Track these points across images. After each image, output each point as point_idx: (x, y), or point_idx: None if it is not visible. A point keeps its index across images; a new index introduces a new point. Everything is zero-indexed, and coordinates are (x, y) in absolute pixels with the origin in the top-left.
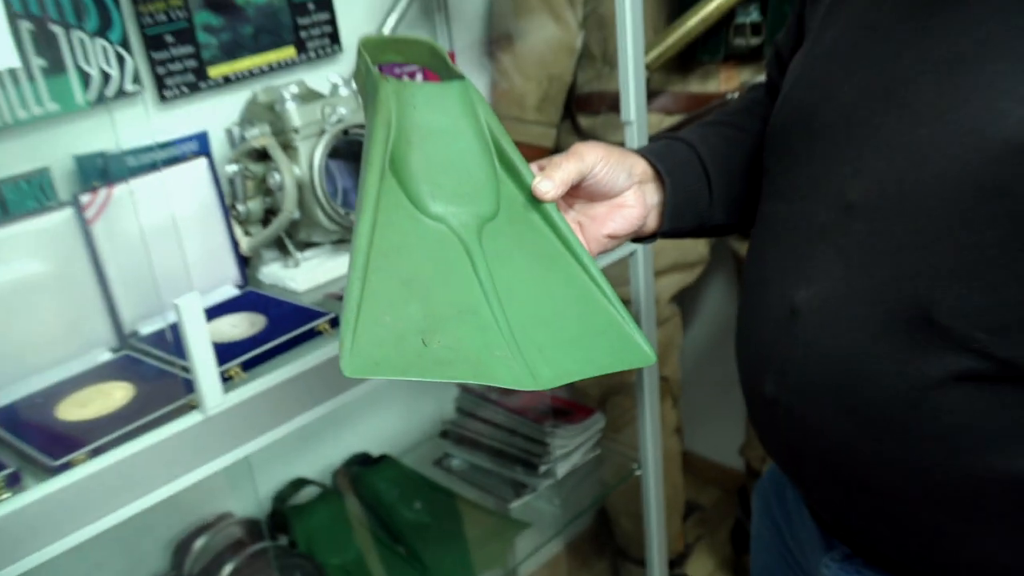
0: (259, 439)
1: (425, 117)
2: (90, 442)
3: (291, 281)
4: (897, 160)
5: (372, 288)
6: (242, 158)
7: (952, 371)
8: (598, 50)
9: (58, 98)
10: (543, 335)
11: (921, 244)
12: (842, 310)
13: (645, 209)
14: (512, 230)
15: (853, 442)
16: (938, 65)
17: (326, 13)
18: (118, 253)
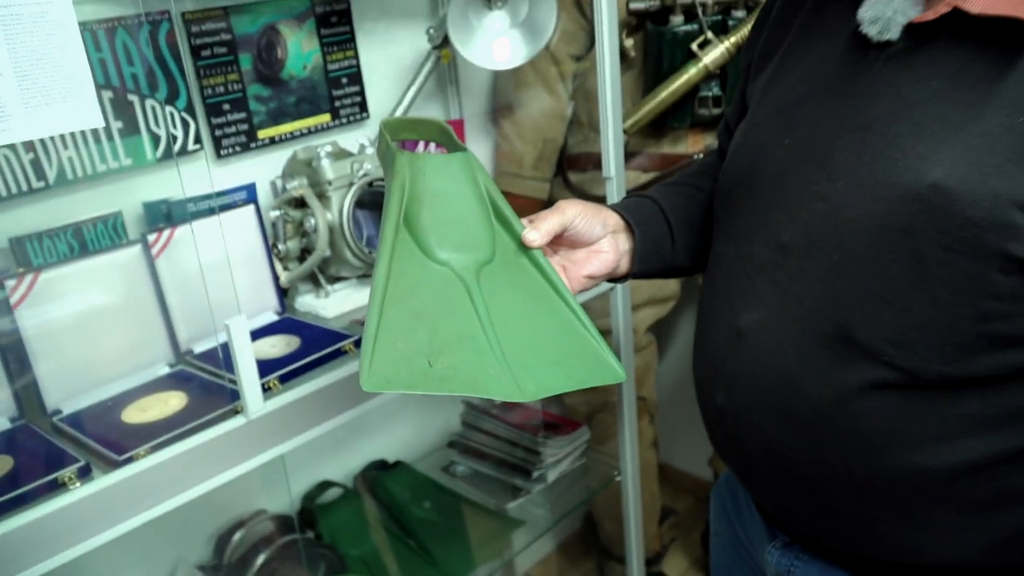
0: (293, 440)
1: (433, 182)
2: (150, 441)
3: (322, 309)
4: (820, 208)
5: (387, 319)
6: (283, 205)
7: (868, 380)
8: (585, 118)
9: (132, 154)
10: (529, 357)
11: (841, 276)
12: (778, 332)
13: (618, 255)
14: (505, 272)
15: (790, 443)
16: (851, 131)
17: (357, 86)
18: (177, 283)
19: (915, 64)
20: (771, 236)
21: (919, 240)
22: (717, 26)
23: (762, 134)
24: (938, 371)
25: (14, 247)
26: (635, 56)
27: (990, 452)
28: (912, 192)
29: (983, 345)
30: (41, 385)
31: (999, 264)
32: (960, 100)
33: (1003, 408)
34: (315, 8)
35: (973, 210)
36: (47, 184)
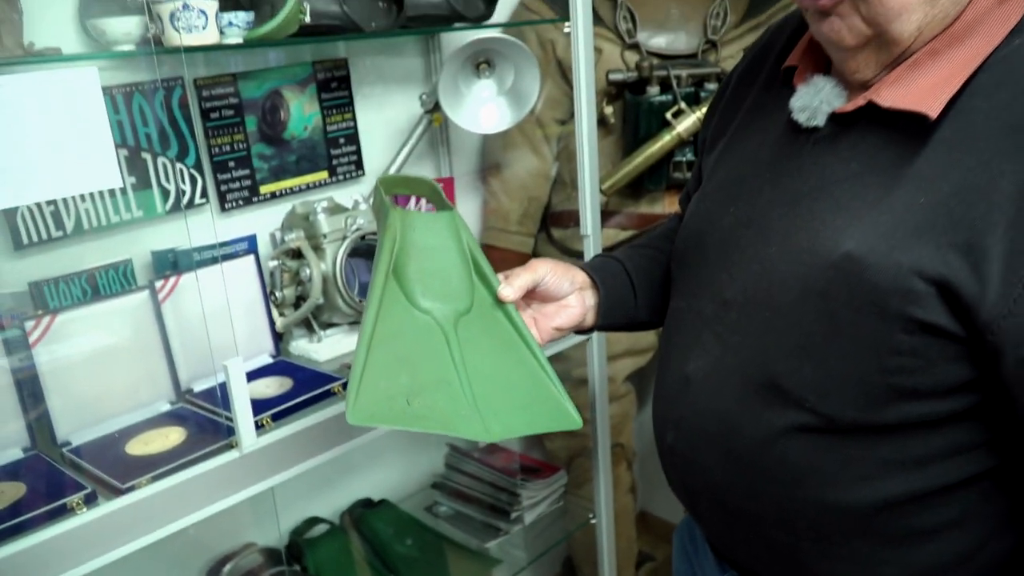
0: (282, 474)
1: (421, 236)
2: (151, 471)
3: (315, 353)
4: (756, 269)
5: (373, 360)
6: (281, 256)
7: (792, 424)
8: (568, 177)
9: (143, 207)
10: (498, 401)
11: (771, 331)
12: (718, 379)
13: (584, 309)
14: (481, 323)
15: (728, 479)
16: (783, 204)
17: (353, 146)
18: (180, 327)
19: (838, 147)
20: (716, 293)
21: (834, 302)
22: (690, 97)
23: (711, 204)
24: (852, 418)
25: (33, 290)
26: (614, 122)
27: (902, 492)
28: (829, 260)
29: (891, 396)
30: (53, 418)
31: (902, 325)
32: (873, 181)
33: (911, 454)
34: (317, 75)
35: (880, 278)
36: (65, 233)
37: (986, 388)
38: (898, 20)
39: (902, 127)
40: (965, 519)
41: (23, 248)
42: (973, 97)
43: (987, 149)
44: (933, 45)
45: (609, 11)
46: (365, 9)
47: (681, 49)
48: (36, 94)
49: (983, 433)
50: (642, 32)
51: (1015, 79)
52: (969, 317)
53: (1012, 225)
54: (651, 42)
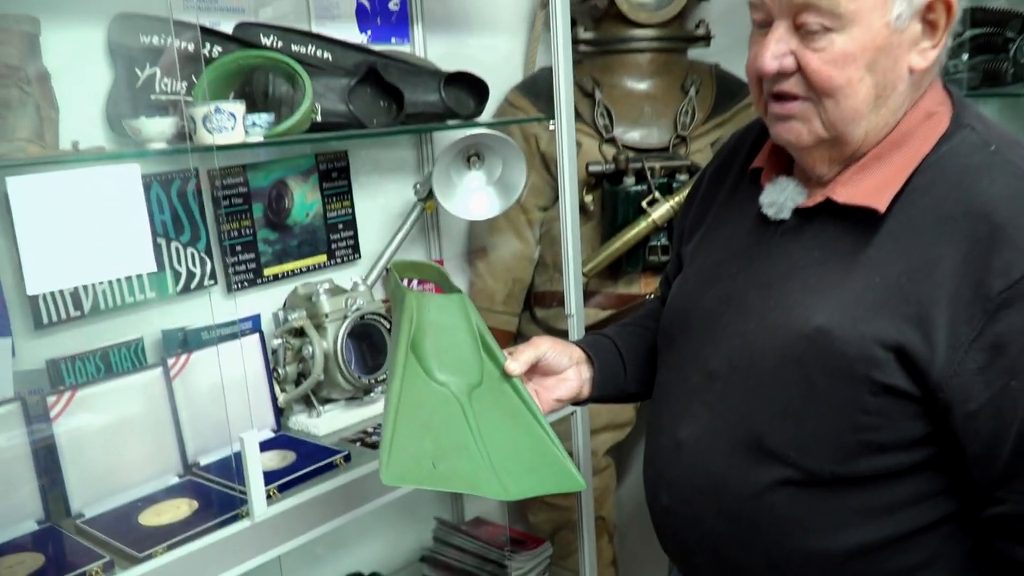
0: (291, 542)
1: (435, 317)
2: (166, 540)
3: (314, 428)
4: (738, 343)
5: (400, 428)
6: (284, 334)
7: (777, 478)
8: (550, 260)
9: (156, 288)
10: (510, 464)
11: (754, 396)
12: (708, 441)
13: (580, 382)
14: (491, 394)
15: (720, 531)
16: (758, 285)
17: (351, 231)
18: (189, 403)
19: (802, 237)
20: (702, 365)
21: (810, 368)
22: (663, 187)
23: (693, 286)
24: (830, 471)
25: (50, 368)
26: (594, 210)
27: (875, 538)
28: (803, 333)
29: (861, 451)
30: (68, 490)
31: (868, 387)
32: (835, 266)
33: (881, 502)
34: (319, 166)
35: (847, 347)
36: (83, 313)
37: (941, 441)
38: (852, 124)
39: (855, 219)
40: (934, 560)
41: (43, 327)
42: (912, 194)
43: (927, 237)
44: (876, 151)
45: (588, 108)
46: (368, 108)
47: (654, 143)
48: (84, 188)
49: (942, 481)
50: (618, 127)
51: (944, 179)
52: (923, 378)
53: (952, 299)
54: (626, 137)
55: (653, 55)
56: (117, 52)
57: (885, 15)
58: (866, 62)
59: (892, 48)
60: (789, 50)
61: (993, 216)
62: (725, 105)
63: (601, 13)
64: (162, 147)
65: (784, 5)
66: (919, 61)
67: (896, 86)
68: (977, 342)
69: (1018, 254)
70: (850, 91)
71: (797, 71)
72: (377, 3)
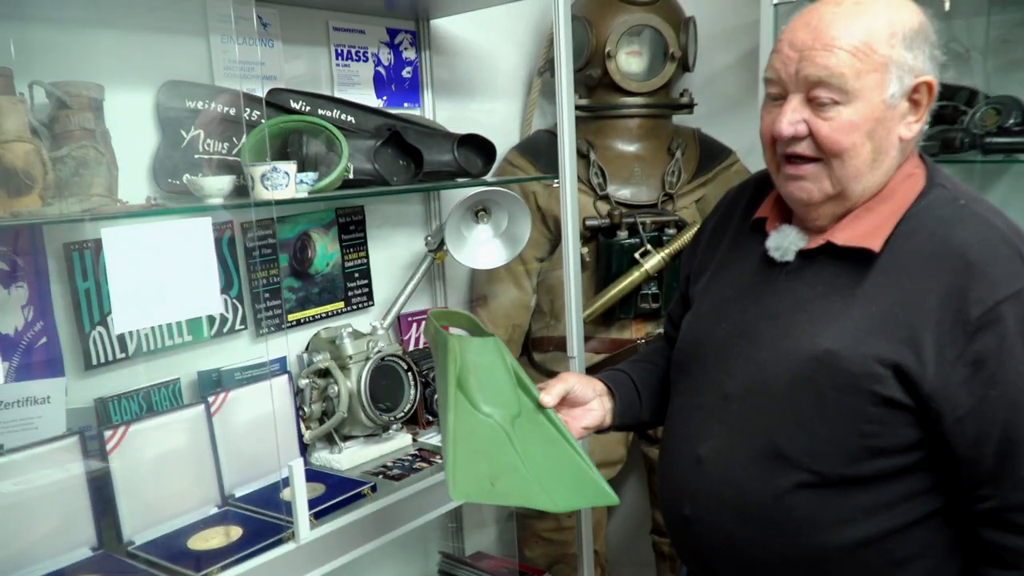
0: (333, 562)
1: (475, 357)
2: (219, 562)
3: (336, 463)
4: (752, 368)
5: (459, 454)
6: (311, 375)
7: (794, 482)
8: (547, 308)
9: (192, 332)
10: (554, 483)
11: (769, 412)
12: (728, 455)
13: (604, 412)
14: (529, 423)
15: (742, 534)
16: (767, 318)
17: (366, 280)
18: (226, 438)
19: (805, 275)
20: (717, 390)
21: (819, 385)
22: (654, 240)
23: (705, 321)
24: (840, 473)
25: (98, 406)
26: (589, 261)
27: (876, 532)
28: (813, 355)
29: (866, 454)
30: (121, 519)
31: (870, 399)
32: (836, 299)
33: (884, 499)
34: (339, 219)
35: (851, 365)
36: (127, 355)
37: (932, 445)
38: (854, 181)
39: (852, 260)
40: (925, 550)
41: (92, 368)
42: (898, 239)
43: (914, 273)
44: (868, 204)
45: (584, 168)
46: (391, 167)
47: (644, 200)
48: (165, 238)
49: (931, 480)
50: (611, 185)
51: (924, 227)
52: (917, 391)
53: (938, 324)
54: (619, 194)
55: (642, 120)
56: (164, 115)
57: (882, 93)
58: (866, 131)
59: (887, 120)
60: (802, 119)
61: (968, 256)
62: (708, 166)
63: (595, 82)
64: (219, 202)
65: (800, 82)
66: (906, 132)
67: (889, 151)
68: (961, 359)
69: (990, 287)
70: (854, 153)
71: (808, 136)
72: (392, 72)
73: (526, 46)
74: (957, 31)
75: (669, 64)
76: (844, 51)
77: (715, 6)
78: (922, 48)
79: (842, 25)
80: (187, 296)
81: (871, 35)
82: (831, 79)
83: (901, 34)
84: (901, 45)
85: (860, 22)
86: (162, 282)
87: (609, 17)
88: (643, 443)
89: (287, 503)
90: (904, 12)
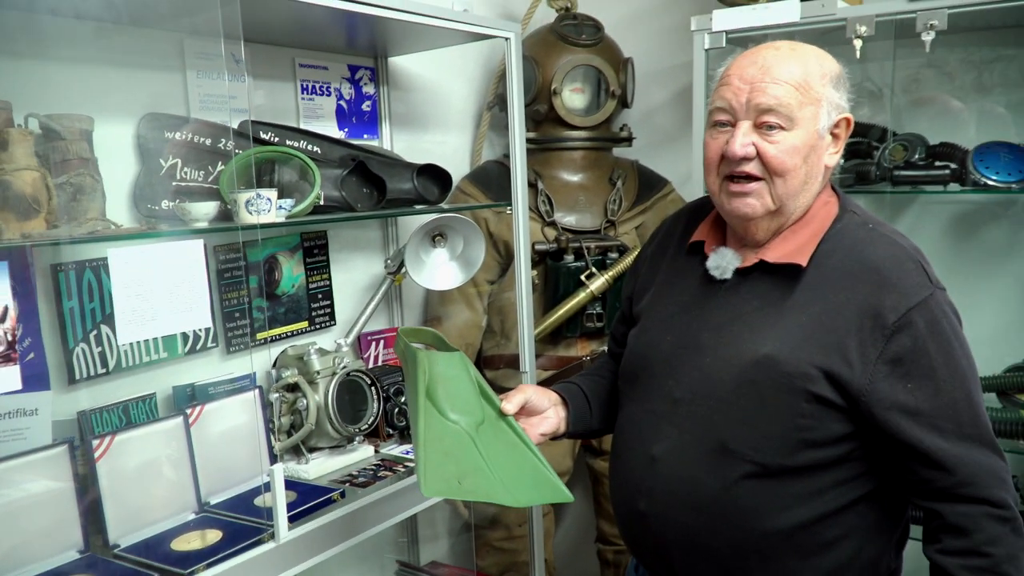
0: (309, 561)
1: (442, 370)
2: (206, 559)
3: (304, 473)
4: (697, 375)
5: (428, 456)
6: (280, 389)
7: (740, 473)
8: (497, 328)
9: (167, 349)
10: (515, 483)
11: (716, 412)
12: (680, 453)
13: (559, 420)
14: (492, 430)
15: (694, 524)
16: (709, 329)
17: (328, 301)
18: (202, 448)
19: (741, 291)
20: (666, 395)
21: (760, 386)
22: (598, 263)
23: (651, 335)
24: (779, 463)
25: (80, 418)
26: (538, 283)
27: (810, 516)
28: (754, 360)
29: (800, 446)
30: (107, 523)
31: (805, 397)
32: (770, 311)
33: (817, 486)
34: (304, 243)
35: (788, 368)
36: (107, 371)
37: (860, 438)
38: (791, 199)
39: (781, 275)
40: (851, 532)
41: (75, 383)
42: (819, 257)
43: (835, 286)
44: (793, 227)
45: (532, 196)
46: (356, 194)
47: (588, 226)
48: (161, 257)
49: (859, 469)
50: (558, 212)
51: (842, 247)
52: (846, 390)
53: (859, 330)
54: (564, 220)
55: (585, 152)
56: (144, 145)
57: (816, 124)
58: (803, 155)
59: (818, 148)
60: (752, 141)
61: (881, 271)
62: (646, 195)
63: (542, 116)
64: (204, 226)
65: (751, 109)
66: (830, 161)
67: (817, 177)
68: (880, 359)
69: (902, 296)
70: (794, 173)
71: (756, 157)
72: (353, 105)
73: (476, 83)
74: (870, 73)
75: (610, 101)
76: (789, 85)
77: (651, 48)
78: (843, 89)
79: (785, 65)
80: (181, 310)
81: (808, 74)
82: (779, 107)
83: (830, 75)
84: (830, 85)
85: (799, 63)
86: (159, 297)
87: (555, 57)
88: (588, 455)
89: (261, 508)
90: (828, 60)
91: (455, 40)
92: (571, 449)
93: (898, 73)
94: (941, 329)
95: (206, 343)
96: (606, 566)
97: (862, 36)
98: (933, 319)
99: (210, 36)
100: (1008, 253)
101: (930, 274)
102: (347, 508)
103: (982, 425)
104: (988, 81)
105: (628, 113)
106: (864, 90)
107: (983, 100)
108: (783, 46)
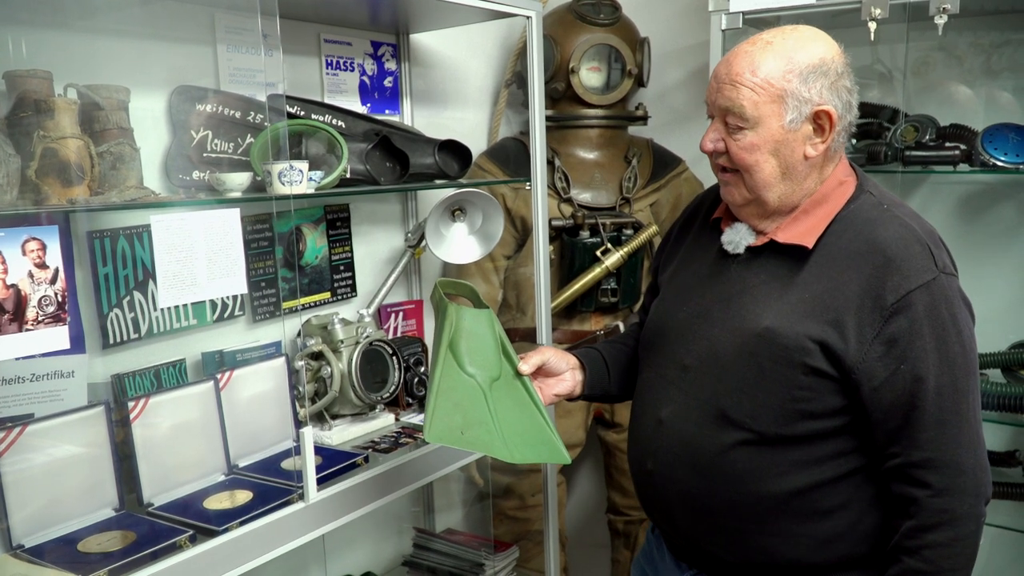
0: (335, 522)
1: (469, 325)
2: (239, 518)
3: (327, 439)
4: (705, 343)
5: (439, 404)
6: (305, 357)
7: (737, 440)
8: (513, 302)
9: (197, 317)
10: (517, 439)
11: (719, 380)
12: (684, 417)
13: (575, 383)
14: (506, 387)
15: (694, 485)
16: (720, 300)
17: (350, 273)
18: (232, 411)
19: (752, 266)
20: (678, 362)
21: (760, 357)
22: (614, 239)
23: (669, 304)
24: (776, 432)
25: (114, 382)
26: (554, 258)
27: (806, 484)
28: (755, 332)
29: (798, 417)
30: (142, 483)
31: (802, 369)
32: (776, 286)
33: (813, 455)
34: (327, 216)
35: (787, 341)
36: (140, 336)
37: (854, 411)
38: (764, 191)
39: (790, 254)
40: (849, 502)
41: (109, 347)
42: (829, 237)
43: (841, 266)
44: (805, 207)
45: (549, 173)
46: (380, 168)
47: (603, 203)
48: (201, 225)
49: (854, 441)
50: (574, 189)
51: (852, 227)
52: (840, 364)
53: (859, 308)
54: (580, 197)
55: (601, 130)
56: (176, 117)
57: (780, 119)
58: (769, 150)
59: (789, 142)
60: (720, 137)
61: (886, 252)
62: (660, 173)
63: (560, 95)
64: (238, 196)
65: (718, 109)
66: (811, 151)
67: (796, 167)
68: (877, 339)
69: (904, 278)
70: (757, 169)
71: (725, 152)
72: (375, 81)
73: (494, 60)
74: (882, 55)
75: (626, 80)
76: (745, 87)
77: (668, 28)
78: (818, 81)
79: (746, 63)
80: (219, 276)
81: (768, 72)
82: (734, 108)
83: (797, 71)
84: (796, 80)
85: (762, 60)
86: (199, 264)
87: (573, 36)
88: (600, 428)
89: (289, 471)
90: (803, 52)
91: (477, 18)
92: (584, 421)
93: (910, 56)
94: (939, 314)
95: (233, 311)
96: (616, 536)
97: (876, 19)
98: (932, 303)
99: (242, 11)
100: (1016, 232)
101: (937, 258)
102: (372, 472)
103: (962, 414)
104: (997, 65)
105: (644, 92)
106: (875, 72)
107: (992, 83)
108: (760, 41)
